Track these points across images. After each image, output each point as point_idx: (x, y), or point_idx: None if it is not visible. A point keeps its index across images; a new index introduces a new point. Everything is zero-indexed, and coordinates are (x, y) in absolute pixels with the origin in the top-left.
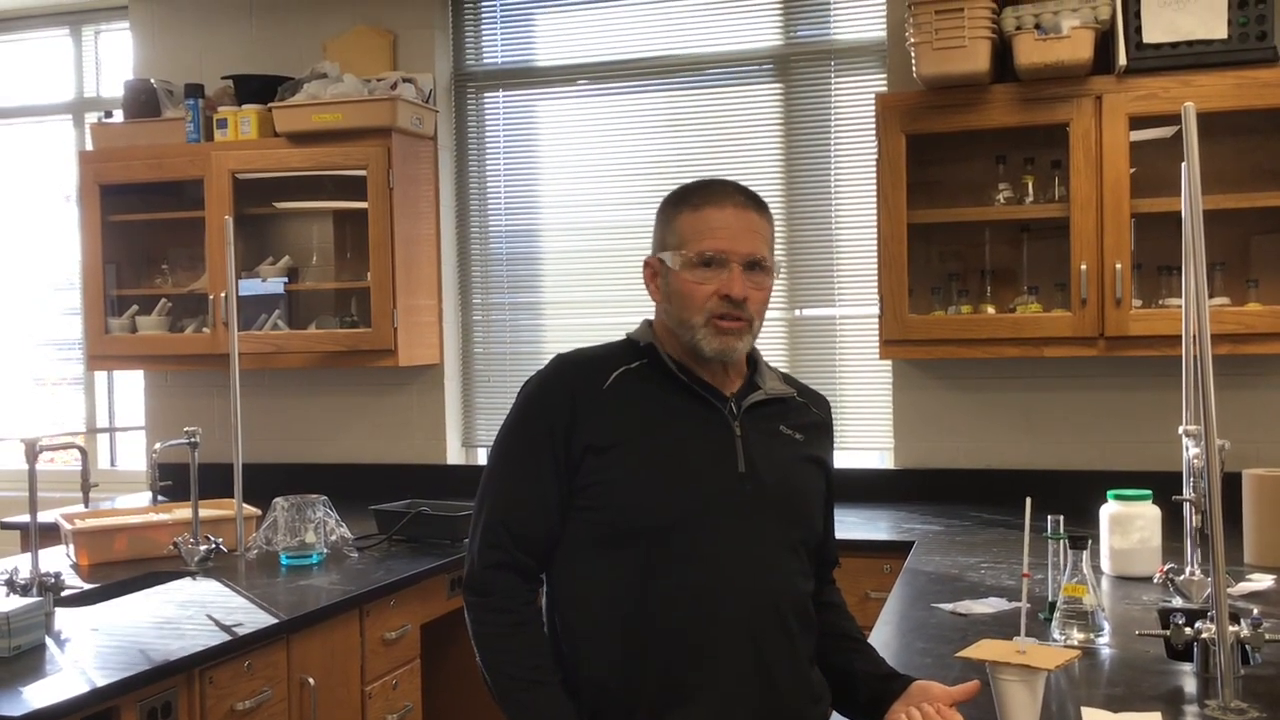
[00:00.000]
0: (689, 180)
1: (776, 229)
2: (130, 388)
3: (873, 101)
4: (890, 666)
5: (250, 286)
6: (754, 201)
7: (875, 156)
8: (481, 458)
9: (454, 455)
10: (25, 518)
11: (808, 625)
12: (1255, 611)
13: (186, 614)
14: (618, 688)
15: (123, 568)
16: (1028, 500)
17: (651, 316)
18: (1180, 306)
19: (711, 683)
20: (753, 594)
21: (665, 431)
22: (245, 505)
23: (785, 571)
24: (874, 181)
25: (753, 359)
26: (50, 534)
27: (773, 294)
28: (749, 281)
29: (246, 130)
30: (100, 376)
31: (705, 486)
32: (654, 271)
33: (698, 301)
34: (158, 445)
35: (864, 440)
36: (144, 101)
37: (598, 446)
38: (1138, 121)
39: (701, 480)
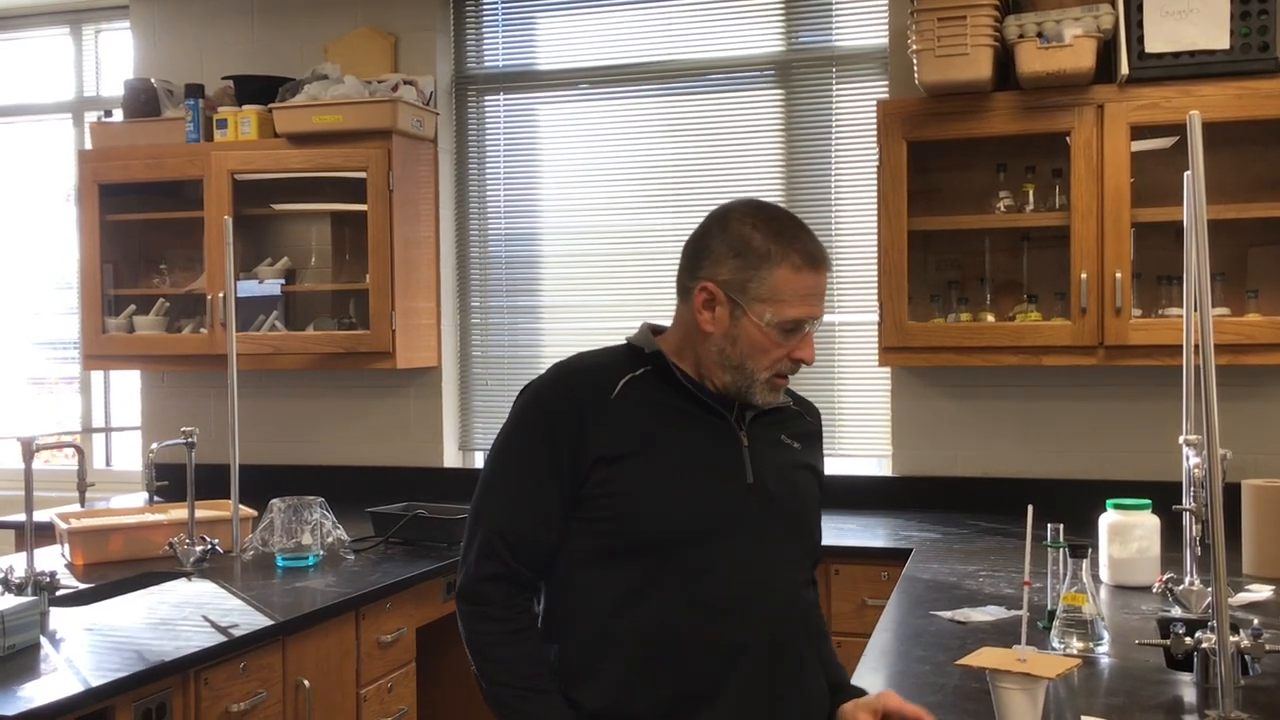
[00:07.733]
0: (703, 188)
1: None
2: (126, 388)
3: (874, 108)
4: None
5: (248, 288)
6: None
7: (876, 163)
8: (478, 461)
9: (451, 458)
10: (20, 517)
11: (816, 633)
12: (1255, 622)
13: (182, 615)
14: (620, 702)
15: (118, 568)
16: (1029, 508)
17: (650, 321)
18: (1180, 316)
19: (724, 696)
20: (764, 606)
21: (675, 442)
22: (241, 506)
23: (792, 582)
24: (874, 188)
25: None
26: (45, 533)
27: None
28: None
29: (246, 131)
30: (96, 376)
31: (716, 498)
32: (716, 301)
33: (769, 360)
34: (154, 445)
35: (862, 447)
36: (144, 101)
37: (608, 457)
38: (1139, 131)
39: (712, 491)
